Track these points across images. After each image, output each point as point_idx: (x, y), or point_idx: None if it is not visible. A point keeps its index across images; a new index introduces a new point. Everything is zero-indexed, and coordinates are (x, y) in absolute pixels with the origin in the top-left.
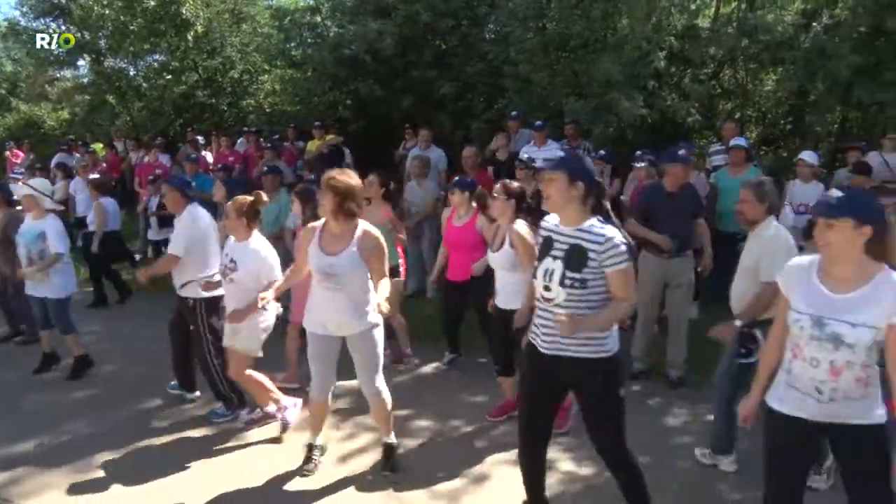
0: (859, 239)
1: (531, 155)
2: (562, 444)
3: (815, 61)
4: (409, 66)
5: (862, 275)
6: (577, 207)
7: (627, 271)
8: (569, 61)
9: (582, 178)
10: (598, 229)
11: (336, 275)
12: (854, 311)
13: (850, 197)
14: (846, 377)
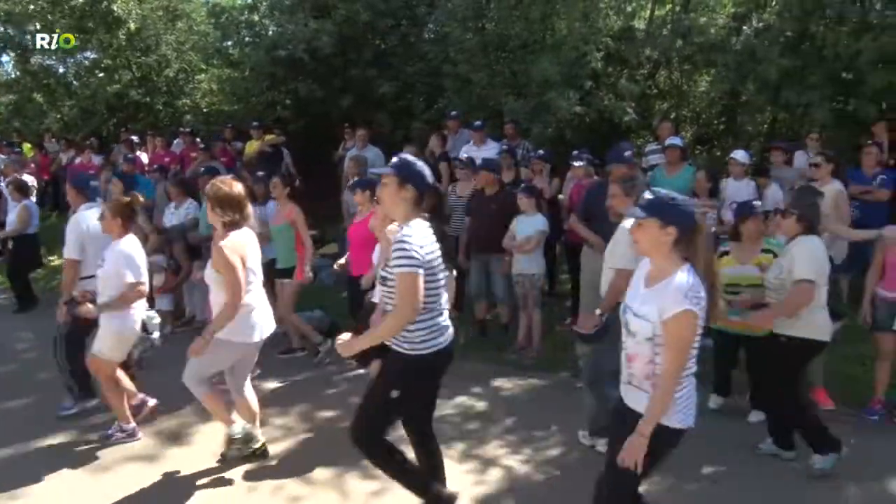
0: (664, 238)
1: (471, 154)
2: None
3: (746, 63)
4: (349, 65)
5: (662, 273)
6: (407, 209)
7: (406, 278)
8: (508, 61)
9: (412, 181)
10: (405, 230)
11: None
12: (644, 304)
13: (658, 200)
14: (637, 365)
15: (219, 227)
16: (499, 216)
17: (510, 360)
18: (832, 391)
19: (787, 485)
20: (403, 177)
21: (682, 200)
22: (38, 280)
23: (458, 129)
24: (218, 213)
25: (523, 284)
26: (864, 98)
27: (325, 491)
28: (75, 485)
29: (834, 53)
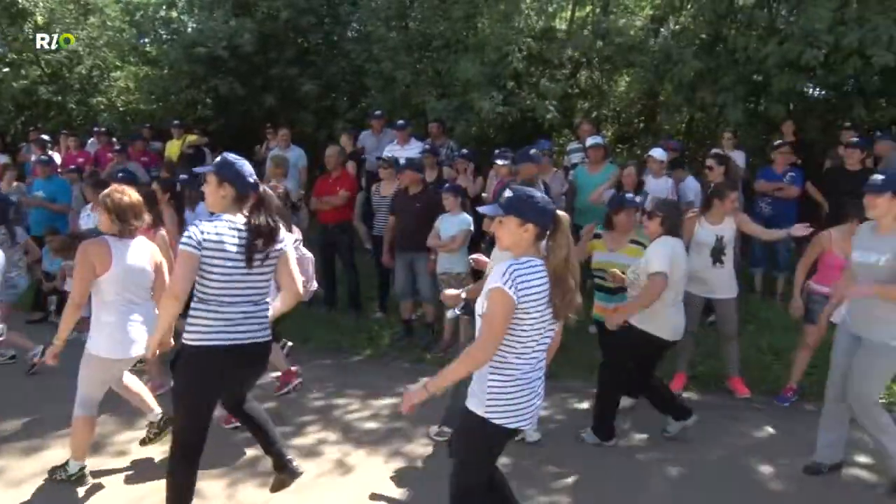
0: (524, 235)
1: (395, 154)
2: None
3: (663, 64)
4: (270, 63)
5: None
6: (228, 207)
7: (181, 254)
8: (431, 61)
9: (229, 180)
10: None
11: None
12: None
13: (516, 197)
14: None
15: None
16: (423, 215)
17: (436, 360)
18: (747, 379)
19: (705, 469)
20: (222, 176)
21: (540, 198)
22: None
23: (382, 128)
24: (114, 222)
25: (449, 283)
26: (772, 99)
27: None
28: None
29: (745, 57)
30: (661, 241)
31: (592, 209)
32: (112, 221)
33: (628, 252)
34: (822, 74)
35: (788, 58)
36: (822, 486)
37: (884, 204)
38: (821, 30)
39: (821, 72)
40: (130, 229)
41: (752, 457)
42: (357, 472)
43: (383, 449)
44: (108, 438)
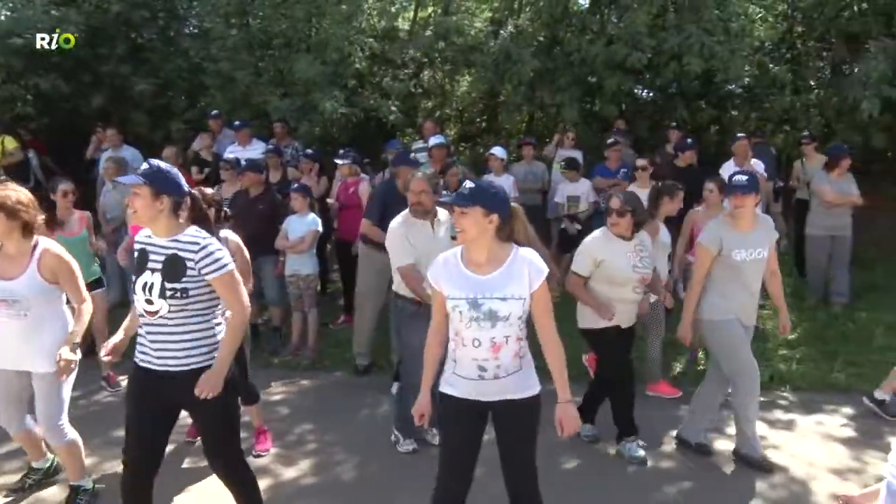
0: (489, 226)
1: (236, 155)
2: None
3: (503, 65)
4: (100, 59)
5: (497, 257)
6: (167, 219)
7: (228, 277)
8: (273, 60)
9: (167, 191)
10: (191, 237)
11: (17, 301)
12: (502, 288)
13: (479, 188)
14: (505, 352)
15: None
16: (266, 217)
17: (285, 363)
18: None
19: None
20: (157, 187)
21: (501, 189)
22: None
23: (222, 128)
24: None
25: (297, 285)
26: (605, 99)
27: None
28: None
29: (579, 59)
30: (643, 233)
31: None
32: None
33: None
34: (648, 77)
35: (616, 59)
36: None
37: (751, 203)
38: (643, 34)
39: (648, 74)
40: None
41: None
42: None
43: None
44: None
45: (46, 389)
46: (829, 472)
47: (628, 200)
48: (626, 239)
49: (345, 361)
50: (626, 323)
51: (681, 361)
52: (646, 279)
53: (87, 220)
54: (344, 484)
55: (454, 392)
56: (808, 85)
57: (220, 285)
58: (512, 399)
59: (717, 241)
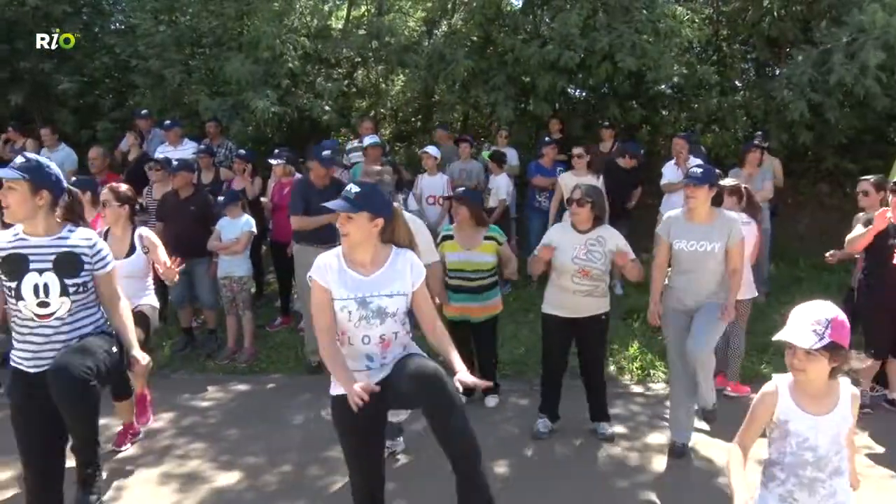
0: (374, 229)
1: (167, 155)
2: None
3: (437, 65)
4: (18, 55)
5: (379, 257)
6: (45, 217)
7: (114, 272)
8: (204, 58)
9: (46, 186)
10: (80, 234)
11: None
12: (387, 285)
13: (365, 193)
14: (393, 348)
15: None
16: (198, 218)
17: (222, 367)
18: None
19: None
20: (37, 182)
21: (385, 192)
22: None
23: (151, 128)
24: None
25: (231, 287)
26: (539, 98)
27: None
28: None
29: (513, 58)
30: (610, 229)
31: None
32: None
33: (483, 249)
34: (581, 77)
35: (549, 59)
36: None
37: (703, 195)
38: (575, 34)
39: (580, 74)
40: None
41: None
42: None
43: (159, 469)
44: None
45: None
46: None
47: (589, 192)
48: (581, 231)
49: (282, 364)
50: (569, 313)
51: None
52: (587, 272)
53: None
54: (276, 491)
55: (341, 391)
56: (735, 86)
57: (108, 280)
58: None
59: (666, 230)
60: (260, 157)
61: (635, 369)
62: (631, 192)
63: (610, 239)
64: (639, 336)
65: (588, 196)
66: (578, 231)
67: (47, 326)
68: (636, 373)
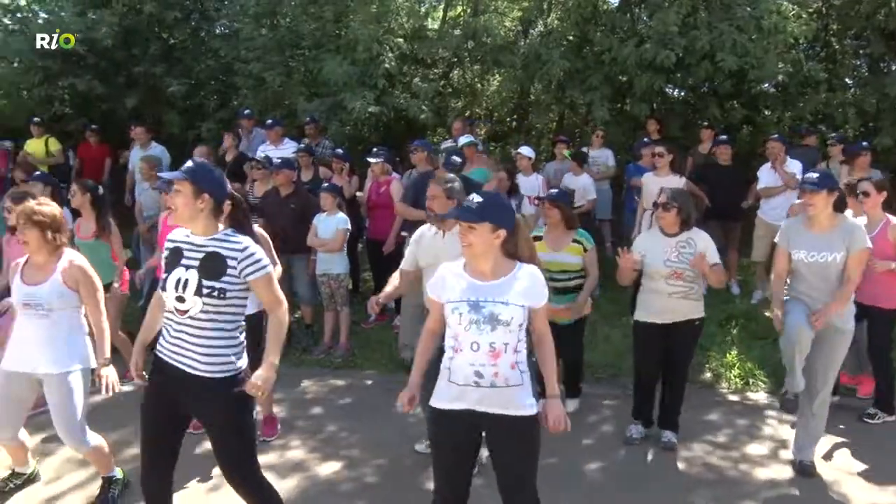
0: (496, 240)
1: (268, 154)
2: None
3: (532, 64)
4: (133, 60)
5: (501, 269)
6: (206, 220)
7: (269, 278)
8: (303, 60)
9: (209, 189)
10: (235, 238)
11: (38, 304)
12: (504, 293)
13: (488, 203)
14: (504, 359)
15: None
16: (298, 215)
17: (317, 361)
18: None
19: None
20: (200, 184)
21: (508, 202)
22: None
23: (253, 128)
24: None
25: (328, 284)
26: (636, 99)
27: None
28: None
29: (610, 58)
30: (702, 233)
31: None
32: (36, 237)
33: (570, 250)
34: (680, 76)
35: (646, 58)
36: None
37: (820, 201)
38: (673, 32)
39: (680, 73)
40: (60, 242)
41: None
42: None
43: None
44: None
45: (58, 396)
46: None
47: (675, 196)
48: (669, 235)
49: (377, 360)
50: (662, 318)
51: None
52: (680, 274)
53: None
54: (373, 483)
55: (445, 404)
56: (844, 83)
57: (261, 285)
58: (506, 415)
59: (785, 239)
60: (357, 157)
61: (733, 377)
62: (736, 190)
63: (700, 242)
64: (737, 343)
65: (673, 200)
66: (667, 234)
67: (181, 323)
68: (734, 381)
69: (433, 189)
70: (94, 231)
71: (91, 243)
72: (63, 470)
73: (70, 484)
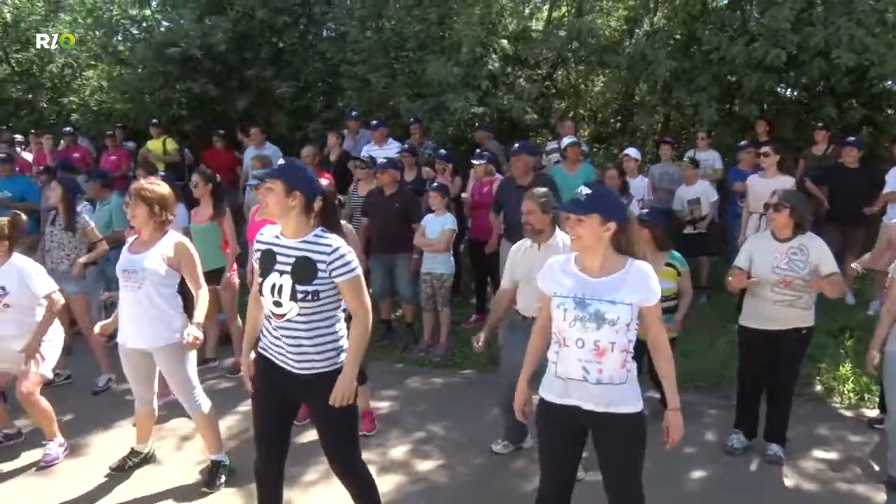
0: (605, 233)
1: (372, 154)
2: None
3: (638, 65)
4: (245, 64)
5: (612, 265)
6: (297, 218)
7: (356, 281)
8: (407, 61)
9: (300, 188)
10: (324, 239)
11: (136, 271)
12: (612, 292)
13: (597, 195)
14: (610, 358)
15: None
16: (401, 215)
17: (417, 360)
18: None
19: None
20: (291, 182)
21: (615, 193)
22: None
23: (358, 128)
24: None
25: (431, 284)
26: (745, 99)
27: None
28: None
29: (718, 57)
30: (816, 239)
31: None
32: (144, 213)
33: (663, 275)
34: (792, 74)
35: (755, 57)
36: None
37: None
38: (786, 29)
39: (793, 72)
40: (166, 220)
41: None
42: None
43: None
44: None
45: (168, 364)
46: None
47: (787, 197)
48: (781, 239)
49: (476, 359)
50: (768, 324)
51: None
52: (789, 283)
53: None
54: (469, 482)
55: (553, 398)
56: None
57: (347, 289)
58: (613, 413)
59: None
60: (460, 157)
61: (847, 392)
62: (861, 194)
63: (813, 250)
64: (851, 355)
65: (785, 201)
66: (778, 239)
67: (280, 327)
68: (848, 395)
69: (527, 204)
70: (209, 215)
71: (205, 227)
72: (176, 453)
73: (182, 466)
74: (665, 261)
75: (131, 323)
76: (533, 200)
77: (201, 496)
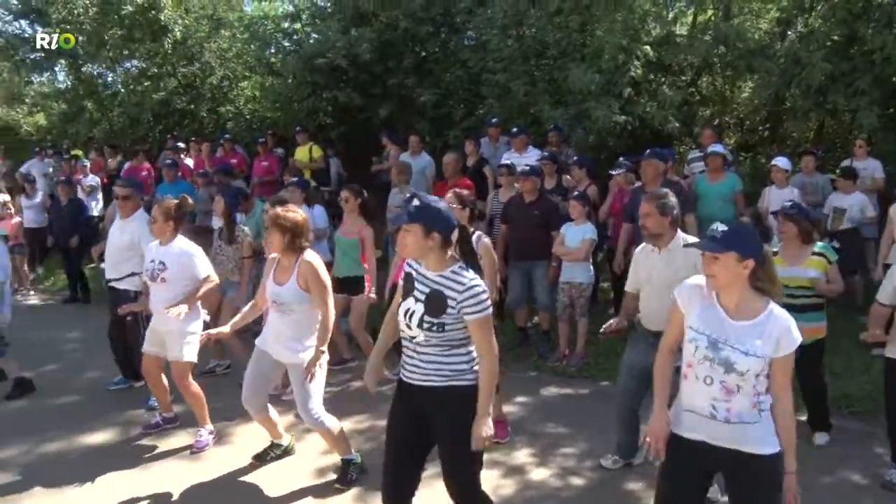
0: (743, 272)
1: (513, 161)
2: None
3: (790, 69)
4: (388, 73)
5: (750, 307)
6: (436, 255)
7: (485, 321)
8: (548, 69)
9: (438, 228)
10: (459, 276)
11: (283, 303)
12: (747, 340)
13: (733, 232)
14: (739, 398)
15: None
16: (541, 222)
17: (552, 368)
18: None
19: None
20: (428, 225)
21: (753, 230)
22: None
23: (499, 136)
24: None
25: (570, 293)
26: None
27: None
28: (117, 482)
29: (882, 57)
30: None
31: (715, 219)
32: (281, 240)
33: (809, 264)
34: None
35: None
36: None
37: None
38: None
39: None
40: (302, 246)
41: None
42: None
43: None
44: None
45: (296, 379)
46: None
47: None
48: None
49: (612, 370)
50: None
51: None
52: None
53: (364, 233)
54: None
55: (680, 431)
56: None
57: (475, 327)
58: (745, 452)
59: None
60: (601, 165)
61: None
62: None
63: None
64: None
65: None
66: None
67: (409, 347)
68: None
69: (644, 206)
70: (357, 230)
71: (352, 241)
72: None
73: (319, 461)
74: (812, 251)
75: (278, 339)
76: (650, 202)
77: (336, 492)
